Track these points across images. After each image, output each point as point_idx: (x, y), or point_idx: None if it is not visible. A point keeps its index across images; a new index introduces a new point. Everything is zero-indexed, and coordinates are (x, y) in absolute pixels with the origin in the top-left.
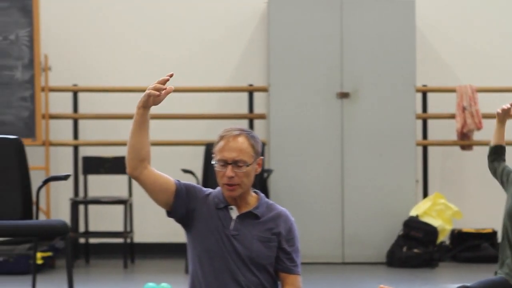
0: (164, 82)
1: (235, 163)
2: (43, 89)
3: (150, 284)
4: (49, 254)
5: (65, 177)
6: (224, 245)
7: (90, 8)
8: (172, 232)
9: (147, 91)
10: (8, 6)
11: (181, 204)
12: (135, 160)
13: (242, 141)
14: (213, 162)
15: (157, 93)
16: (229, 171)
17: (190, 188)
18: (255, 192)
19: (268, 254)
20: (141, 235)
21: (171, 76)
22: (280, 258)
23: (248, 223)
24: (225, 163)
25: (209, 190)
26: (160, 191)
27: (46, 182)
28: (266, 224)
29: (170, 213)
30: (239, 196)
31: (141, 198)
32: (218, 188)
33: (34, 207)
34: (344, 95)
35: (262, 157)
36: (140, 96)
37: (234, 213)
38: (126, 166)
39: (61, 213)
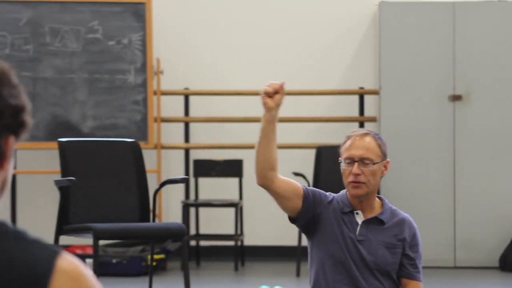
0: (275, 87)
1: (362, 161)
2: (155, 93)
3: (264, 287)
4: (161, 256)
5: (182, 180)
6: (348, 250)
7: (202, 11)
8: (282, 235)
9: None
10: (122, 10)
11: (307, 210)
12: (265, 169)
13: (369, 140)
14: (340, 161)
15: (269, 91)
16: (355, 168)
17: (316, 193)
18: (378, 197)
19: (393, 260)
20: (250, 238)
21: (282, 84)
22: (403, 264)
23: (373, 229)
24: (351, 161)
25: (332, 194)
26: (290, 199)
27: (163, 185)
28: (391, 230)
29: (294, 219)
30: (365, 199)
31: (251, 201)
32: (341, 192)
33: (151, 210)
34: (456, 98)
35: (388, 160)
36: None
37: (360, 218)
38: (256, 177)
39: (172, 215)
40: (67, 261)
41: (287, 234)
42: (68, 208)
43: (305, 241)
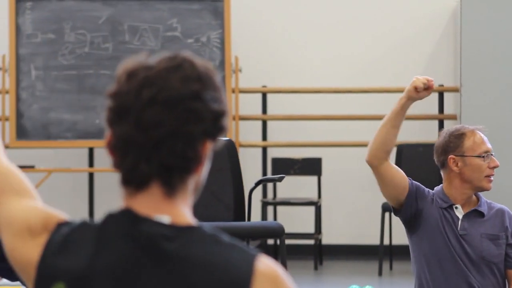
0: (429, 85)
1: (492, 154)
2: (233, 91)
3: (354, 286)
4: None
5: (279, 179)
6: (453, 246)
7: (280, 9)
8: (361, 233)
9: (413, 81)
10: (200, 8)
11: (411, 204)
12: (380, 150)
13: (486, 134)
14: (473, 155)
15: (421, 86)
16: (496, 161)
17: (420, 188)
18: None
19: (498, 252)
20: (329, 237)
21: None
22: (507, 255)
23: (474, 222)
24: (488, 154)
25: (431, 191)
26: (395, 187)
27: (258, 183)
28: (492, 221)
29: (398, 212)
30: (473, 196)
31: (330, 200)
32: (437, 188)
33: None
34: None
35: None
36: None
37: (460, 212)
38: (367, 154)
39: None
40: (265, 264)
41: (367, 233)
42: None
43: (387, 240)
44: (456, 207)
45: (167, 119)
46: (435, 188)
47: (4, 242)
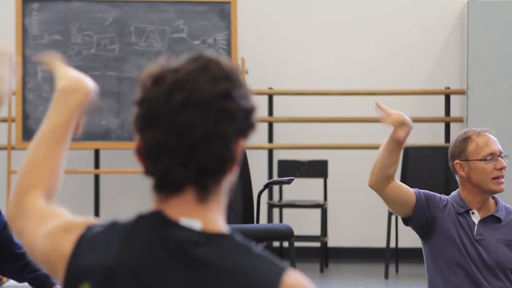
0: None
1: (501, 155)
2: None
3: None
4: None
5: (288, 181)
6: (468, 251)
7: (287, 11)
8: (367, 236)
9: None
10: (207, 10)
11: (421, 214)
12: (380, 175)
13: (493, 136)
14: (477, 159)
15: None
16: (503, 162)
17: (430, 197)
18: (492, 196)
19: None
20: (335, 239)
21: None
22: None
23: (490, 227)
24: (494, 156)
25: (446, 197)
26: (401, 205)
27: (267, 186)
28: (509, 226)
29: (407, 222)
30: (488, 199)
31: (336, 202)
32: (453, 193)
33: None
34: None
35: None
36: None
37: (476, 217)
38: (369, 178)
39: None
40: (293, 278)
41: (373, 236)
42: None
43: (393, 243)
44: (473, 212)
45: (201, 121)
46: (452, 193)
47: (39, 249)
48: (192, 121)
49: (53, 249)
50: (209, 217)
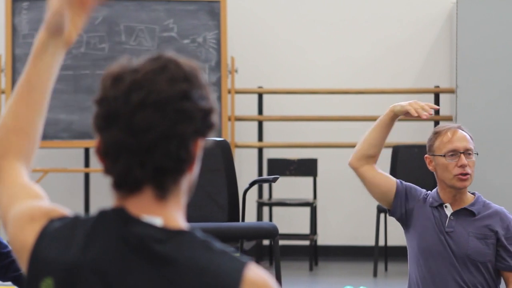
0: (430, 108)
1: (466, 152)
2: (229, 91)
3: (349, 287)
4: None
5: (273, 180)
6: (440, 243)
7: (276, 10)
8: (356, 235)
9: (410, 105)
10: (197, 9)
11: (400, 204)
12: (362, 153)
13: (465, 132)
14: (440, 154)
15: (414, 114)
16: (463, 159)
17: (410, 189)
18: (472, 193)
19: (486, 251)
20: (324, 238)
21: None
22: (502, 257)
23: (463, 220)
24: (456, 153)
25: (428, 192)
26: (381, 193)
27: (253, 184)
28: (483, 221)
29: (390, 212)
30: (462, 192)
31: (325, 201)
32: (434, 188)
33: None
34: None
35: None
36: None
37: (449, 210)
38: (352, 156)
39: (246, 214)
40: (255, 273)
41: (363, 234)
42: None
43: (382, 241)
44: (446, 206)
45: (158, 122)
46: (434, 189)
47: (8, 230)
48: (149, 121)
49: (17, 237)
50: (169, 214)
